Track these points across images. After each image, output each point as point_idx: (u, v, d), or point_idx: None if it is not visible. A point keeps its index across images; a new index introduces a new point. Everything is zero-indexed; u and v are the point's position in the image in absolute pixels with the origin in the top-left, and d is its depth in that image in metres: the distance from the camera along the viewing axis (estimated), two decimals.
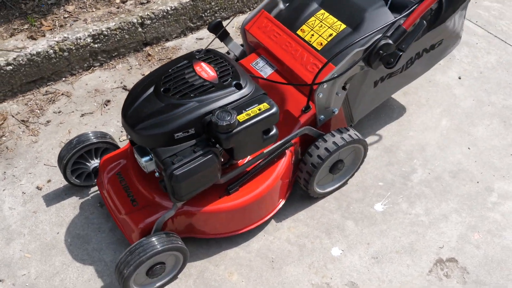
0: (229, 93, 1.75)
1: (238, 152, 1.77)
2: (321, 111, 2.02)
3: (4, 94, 2.65)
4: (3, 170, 2.33)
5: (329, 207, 2.20)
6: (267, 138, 1.82)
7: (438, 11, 2.07)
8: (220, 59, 1.87)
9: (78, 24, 2.78)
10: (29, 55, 2.59)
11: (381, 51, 1.88)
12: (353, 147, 2.12)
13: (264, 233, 2.11)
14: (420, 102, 2.68)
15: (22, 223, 2.13)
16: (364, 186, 2.28)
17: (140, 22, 2.85)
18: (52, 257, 2.02)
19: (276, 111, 1.76)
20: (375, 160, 2.39)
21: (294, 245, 2.07)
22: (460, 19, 2.28)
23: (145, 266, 1.78)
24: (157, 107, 1.72)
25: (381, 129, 2.54)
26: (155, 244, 1.76)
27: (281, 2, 2.25)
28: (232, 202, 1.90)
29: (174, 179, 1.65)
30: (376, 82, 2.20)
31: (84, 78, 2.81)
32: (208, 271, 1.98)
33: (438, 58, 2.43)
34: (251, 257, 2.03)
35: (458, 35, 2.36)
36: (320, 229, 2.12)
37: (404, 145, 2.46)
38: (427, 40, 2.20)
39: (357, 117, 2.30)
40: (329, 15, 2.09)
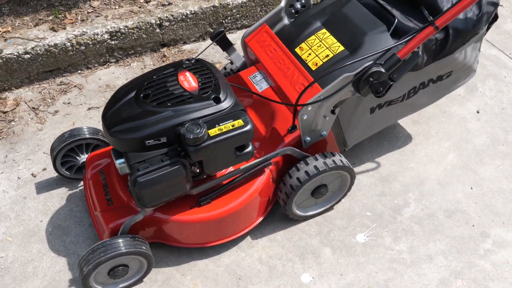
0: (206, 106, 1.74)
1: (208, 166, 1.76)
2: (307, 133, 1.97)
3: (21, 80, 2.77)
4: (5, 153, 2.44)
5: (309, 231, 2.14)
6: (240, 155, 1.79)
7: (444, 41, 1.96)
8: (206, 71, 1.87)
9: (98, 20, 2.86)
10: (47, 46, 2.69)
11: (371, 79, 1.80)
12: (338, 173, 2.05)
13: (237, 248, 2.08)
14: (429, 133, 2.55)
15: (11, 207, 2.22)
16: (350, 214, 2.20)
17: (158, 23, 2.90)
18: (31, 244, 2.09)
19: (250, 129, 1.73)
20: (367, 188, 2.30)
21: (264, 265, 2.03)
22: (473, 51, 2.15)
23: (105, 266, 1.80)
24: (133, 112, 1.74)
25: (381, 157, 2.44)
26: (117, 246, 1.78)
27: (286, 18, 2.21)
28: (202, 214, 1.89)
29: (137, 185, 1.66)
30: (373, 108, 2.11)
31: (98, 73, 2.89)
32: (174, 279, 1.98)
33: (447, 90, 2.30)
34: (219, 271, 2.01)
35: (471, 68, 2.23)
36: (294, 252, 2.07)
37: (402, 176, 2.36)
38: (432, 70, 2.09)
39: (352, 142, 2.22)
40: (329, 35, 2.03)
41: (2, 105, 2.69)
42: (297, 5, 2.20)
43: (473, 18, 1.96)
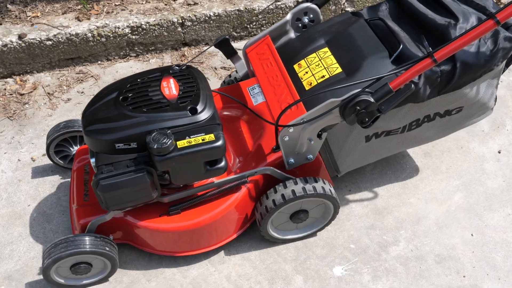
0: (181, 116, 1.71)
1: (175, 177, 1.72)
2: (290, 155, 1.88)
3: (43, 65, 2.87)
4: (13, 134, 2.54)
5: (285, 255, 2.05)
6: (210, 170, 1.74)
7: (451, 75, 1.79)
8: (191, 79, 1.83)
9: (123, 13, 2.90)
10: (69, 34, 2.77)
11: (358, 107, 1.68)
12: (320, 201, 1.95)
13: (208, 262, 2.03)
14: (440, 168, 2.37)
15: (5, 187, 2.30)
16: (333, 244, 2.09)
17: (180, 22, 2.89)
18: (15, 226, 2.16)
19: (220, 145, 1.67)
20: (358, 219, 2.17)
21: (231, 284, 1.97)
22: (488, 88, 1.96)
23: (66, 261, 1.81)
24: (109, 114, 1.74)
25: (380, 187, 2.30)
26: (79, 244, 1.78)
27: (292, 31, 2.12)
28: (169, 224, 1.86)
29: (98, 188, 1.66)
30: (369, 137, 1.98)
31: (117, 65, 2.94)
32: (138, 283, 1.97)
33: (458, 126, 2.12)
34: (184, 283, 1.97)
35: (486, 105, 2.04)
36: (265, 275, 1.99)
37: (398, 211, 2.21)
38: (439, 104, 1.93)
39: (345, 169, 2.10)
40: (330, 55, 1.93)
41: (21, 87, 2.79)
42: (305, 19, 2.10)
43: (486, 53, 1.78)
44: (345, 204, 2.23)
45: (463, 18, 1.82)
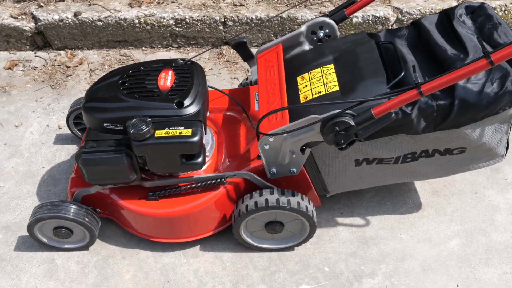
0: (166, 107, 1.78)
1: (150, 164, 1.80)
2: (271, 164, 1.88)
3: (93, 44, 3.09)
4: (49, 102, 2.77)
5: (257, 263, 2.06)
6: (186, 164, 1.80)
7: (447, 111, 1.69)
8: (188, 75, 1.89)
9: (171, 5, 3.05)
10: (118, 18, 2.96)
11: (337, 128, 1.65)
12: (296, 216, 1.92)
13: (182, 253, 2.09)
14: (444, 209, 2.23)
15: (29, 148, 2.53)
16: (307, 262, 2.05)
17: (222, 21, 2.98)
18: (26, 184, 2.37)
19: (195, 141, 1.72)
20: (341, 243, 2.12)
21: (196, 278, 2.01)
22: (496, 133, 1.82)
23: (49, 223, 1.96)
24: (106, 95, 1.86)
25: (374, 216, 2.21)
26: (61, 210, 1.92)
27: (307, 44, 2.11)
28: (145, 208, 1.94)
29: (79, 161, 1.78)
30: (359, 161, 1.92)
31: (159, 54, 3.09)
32: (113, 258, 2.08)
33: (462, 168, 1.99)
34: (154, 268, 2.05)
35: (493, 151, 1.89)
36: (231, 278, 2.01)
37: (386, 244, 2.11)
38: (437, 140, 1.83)
39: (334, 190, 2.06)
40: (333, 72, 1.90)
41: (69, 60, 3.03)
42: (320, 33, 2.08)
43: (490, 94, 1.66)
44: (333, 225, 2.18)
45: (474, 54, 1.71)
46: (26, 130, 2.62)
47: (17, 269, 2.05)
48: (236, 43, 2.19)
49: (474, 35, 1.83)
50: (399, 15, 3.01)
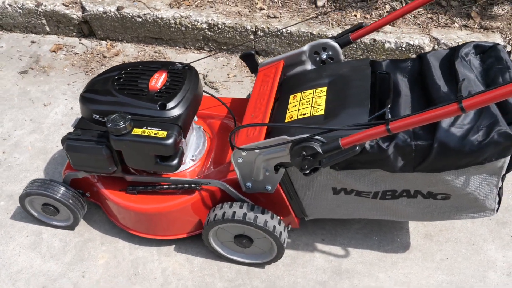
0: (149, 107, 1.84)
1: (126, 159, 1.87)
2: (247, 179, 1.87)
3: (132, 38, 3.25)
4: (79, 86, 2.95)
5: (224, 274, 2.06)
6: (161, 164, 1.84)
7: (426, 153, 1.60)
8: (181, 80, 1.94)
9: (208, 10, 3.13)
10: (155, 16, 3.09)
11: (304, 152, 1.62)
12: (263, 234, 1.90)
13: (156, 250, 2.14)
14: (433, 256, 2.10)
15: (50, 126, 2.71)
16: (274, 283, 2.02)
17: (253, 30, 3.01)
18: (38, 159, 2.54)
19: (168, 144, 1.76)
20: (314, 270, 2.06)
21: (163, 277, 2.05)
22: (483, 185, 1.69)
23: (37, 199, 2.09)
24: (101, 88, 1.95)
25: (356, 249, 2.13)
26: (48, 188, 2.04)
27: (309, 64, 2.09)
28: (122, 200, 2.01)
29: (64, 146, 1.89)
30: (336, 190, 1.86)
31: (189, 55, 3.18)
32: (93, 242, 2.18)
33: (446, 215, 1.86)
34: (128, 259, 2.11)
35: (481, 203, 1.75)
36: (194, 283, 2.03)
37: (360, 280, 2.03)
38: (418, 181, 1.73)
39: (313, 215, 2.01)
40: (324, 95, 1.87)
41: (107, 50, 3.21)
42: (323, 55, 2.05)
43: (473, 142, 1.54)
44: (310, 250, 2.13)
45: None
46: (52, 110, 2.81)
47: (8, 236, 2.20)
48: (244, 55, 2.21)
49: (476, 77, 1.72)
50: (436, 46, 2.87)
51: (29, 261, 2.12)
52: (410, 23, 3.03)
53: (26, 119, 2.76)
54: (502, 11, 3.04)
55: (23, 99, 2.88)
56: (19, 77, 3.03)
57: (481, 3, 3.06)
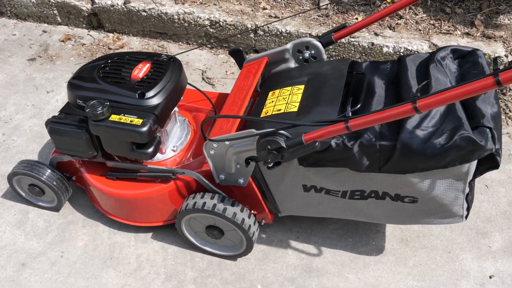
0: (129, 96, 1.90)
1: (104, 144, 1.93)
2: (220, 171, 1.91)
3: (137, 31, 3.33)
4: None
5: (196, 263, 2.10)
6: (136, 151, 1.90)
7: (389, 154, 1.60)
8: (163, 71, 1.99)
9: (211, 7, 3.18)
10: (160, 11, 3.16)
11: (269, 146, 1.65)
12: (232, 226, 1.93)
13: (134, 236, 2.20)
14: (406, 261, 2.08)
15: (49, 113, 2.81)
16: (243, 275, 2.05)
17: (253, 29, 3.04)
18: (34, 143, 2.64)
19: (142, 132, 1.81)
20: (284, 267, 2.07)
21: (136, 262, 2.10)
22: (450, 190, 1.67)
23: (24, 179, 2.18)
24: (87, 75, 2.02)
25: (329, 249, 2.13)
26: (33, 169, 2.12)
27: (293, 62, 2.11)
28: (101, 184, 2.07)
29: (47, 128, 1.96)
30: (307, 187, 1.88)
31: (192, 51, 3.24)
32: (75, 225, 2.25)
33: (415, 219, 1.84)
34: (105, 242, 2.18)
35: (449, 209, 1.74)
36: (167, 270, 2.07)
37: (329, 280, 2.03)
38: (384, 183, 1.73)
39: (286, 211, 2.03)
40: (300, 93, 1.89)
41: (113, 42, 3.30)
42: (306, 54, 2.07)
43: (436, 145, 1.54)
44: (284, 247, 2.15)
45: None
46: (53, 96, 2.91)
47: None
48: (232, 51, 2.25)
49: (450, 81, 1.71)
50: None
51: (13, 238, 2.21)
52: (411, 29, 3.01)
53: (29, 104, 2.87)
54: (508, 21, 2.98)
55: (28, 85, 3.00)
56: (27, 64, 3.16)
57: (487, 11, 3.02)
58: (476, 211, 2.25)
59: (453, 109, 1.60)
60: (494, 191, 2.34)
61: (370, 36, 2.92)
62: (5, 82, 3.03)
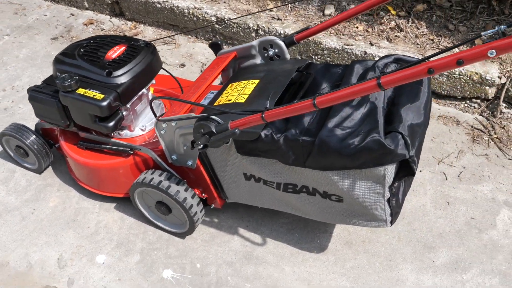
0: (98, 73, 2.08)
1: (72, 115, 2.12)
2: (172, 151, 2.04)
3: (153, 21, 3.55)
4: None
5: (147, 236, 2.24)
6: (98, 124, 2.08)
7: (309, 149, 1.67)
8: (134, 54, 2.15)
9: (220, 4, 3.34)
10: (172, 4, 3.36)
11: (202, 130, 1.77)
12: (176, 204, 2.06)
13: (100, 205, 2.38)
14: (344, 262, 2.12)
15: None
16: (187, 253, 2.17)
17: (255, 28, 3.17)
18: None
19: (101, 105, 1.99)
20: (227, 251, 2.18)
21: (94, 227, 2.28)
22: (370, 193, 1.71)
23: (12, 141, 2.43)
24: (70, 52, 2.23)
25: (275, 241, 2.21)
26: (18, 132, 2.37)
27: (259, 58, 2.22)
28: (72, 152, 2.27)
29: (28, 96, 2.19)
30: (247, 176, 1.97)
31: (198, 44, 3.41)
32: (51, 187, 2.47)
33: (343, 219, 1.89)
34: (73, 206, 2.38)
35: (371, 212, 1.77)
36: (119, 238, 2.24)
37: (265, 268, 2.11)
38: (312, 178, 1.79)
39: (232, 198, 2.13)
40: (253, 87, 1.99)
41: (129, 30, 3.54)
42: (270, 52, 2.17)
43: (350, 145, 1.59)
44: (231, 233, 2.25)
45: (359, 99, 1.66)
46: None
47: None
48: (212, 43, 2.39)
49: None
50: None
51: None
52: (409, 42, 3.01)
53: (41, 77, 3.15)
54: None
55: (45, 61, 3.29)
56: (49, 42, 3.46)
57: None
58: (430, 225, 2.25)
59: (374, 112, 1.65)
60: (454, 208, 2.32)
61: (365, 45, 2.96)
62: (26, 56, 3.34)
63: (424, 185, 2.43)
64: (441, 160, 2.55)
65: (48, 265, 2.15)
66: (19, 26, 3.65)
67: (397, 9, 3.19)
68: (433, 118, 2.80)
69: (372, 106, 1.67)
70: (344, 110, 1.69)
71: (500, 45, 1.14)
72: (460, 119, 2.80)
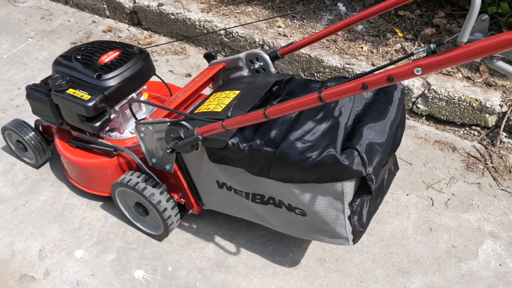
0: (89, 75, 2.18)
1: (62, 113, 2.23)
2: (151, 154, 2.11)
3: (167, 32, 3.69)
4: None
5: (127, 236, 2.31)
6: (85, 124, 2.17)
7: (270, 160, 1.70)
8: (126, 60, 2.25)
9: (230, 19, 3.42)
10: (185, 17, 3.47)
11: (172, 134, 1.83)
12: (151, 206, 2.12)
13: (87, 202, 2.47)
14: (314, 279, 2.11)
15: None
16: (161, 255, 2.22)
17: (260, 43, 3.23)
18: None
19: (87, 106, 2.08)
20: (200, 257, 2.21)
21: (79, 223, 2.37)
22: (331, 208, 1.71)
23: (13, 135, 2.57)
24: (69, 54, 2.35)
25: (249, 251, 2.22)
26: (17, 127, 2.51)
27: (246, 70, 2.27)
28: (63, 150, 2.37)
29: (26, 93, 2.32)
30: (220, 184, 2.01)
31: None
32: (45, 182, 2.58)
33: (307, 234, 1.88)
34: (63, 202, 2.48)
35: (332, 228, 1.76)
36: (99, 235, 2.31)
37: (234, 277, 2.13)
38: (277, 190, 1.81)
39: (208, 205, 2.17)
40: (233, 98, 2.04)
41: (144, 39, 3.67)
42: (256, 64, 2.21)
43: (308, 159, 1.60)
44: (207, 240, 2.28)
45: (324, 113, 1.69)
46: None
47: None
48: (206, 54, 2.46)
49: (353, 103, 1.78)
50: (426, 91, 2.80)
51: None
52: None
53: None
54: None
55: None
56: (68, 46, 3.63)
57: (499, 58, 2.89)
58: (408, 250, 2.21)
59: (335, 128, 1.65)
60: (436, 235, 2.26)
61: (367, 66, 2.96)
62: (45, 58, 3.52)
63: (408, 208, 2.39)
64: (430, 185, 2.50)
65: (30, 255, 2.24)
66: (44, 30, 3.86)
67: (405, 32, 3.18)
68: (429, 142, 2.76)
69: (335, 121, 1.68)
70: (307, 124, 1.71)
71: (425, 64, 1.14)
72: (457, 146, 2.74)
